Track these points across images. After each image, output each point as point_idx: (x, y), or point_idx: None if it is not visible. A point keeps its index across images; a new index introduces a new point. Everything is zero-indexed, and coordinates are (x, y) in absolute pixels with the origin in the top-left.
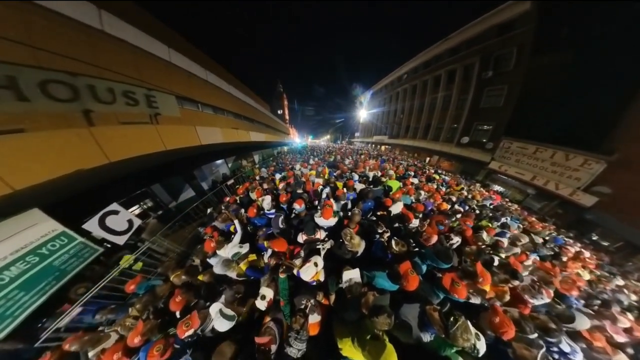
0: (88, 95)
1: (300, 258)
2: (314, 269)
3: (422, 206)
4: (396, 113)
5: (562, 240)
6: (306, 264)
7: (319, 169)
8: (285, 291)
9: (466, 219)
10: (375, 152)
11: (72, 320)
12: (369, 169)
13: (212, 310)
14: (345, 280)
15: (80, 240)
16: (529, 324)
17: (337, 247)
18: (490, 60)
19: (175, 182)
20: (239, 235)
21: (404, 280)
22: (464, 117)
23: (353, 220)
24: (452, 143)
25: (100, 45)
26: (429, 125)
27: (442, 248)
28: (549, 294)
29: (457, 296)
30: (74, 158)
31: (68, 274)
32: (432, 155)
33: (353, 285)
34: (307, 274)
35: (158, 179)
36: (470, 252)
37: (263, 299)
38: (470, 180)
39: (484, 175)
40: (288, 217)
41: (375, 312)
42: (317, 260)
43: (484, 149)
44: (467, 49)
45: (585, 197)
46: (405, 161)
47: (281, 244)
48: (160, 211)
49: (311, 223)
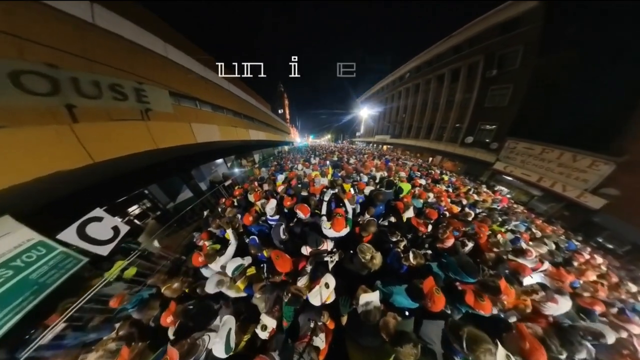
0: (70, 88)
1: (307, 275)
2: (325, 291)
3: (435, 212)
4: (398, 112)
5: (575, 245)
6: (315, 285)
7: (323, 169)
8: (290, 312)
9: (482, 225)
10: (378, 152)
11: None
12: (375, 169)
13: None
14: (362, 303)
15: (61, 250)
16: (554, 341)
17: (348, 260)
18: (494, 58)
19: (172, 183)
20: (232, 247)
21: (428, 300)
22: (468, 117)
23: (367, 229)
24: (455, 143)
25: (87, 36)
26: (432, 124)
27: (466, 259)
28: (556, 301)
29: (482, 312)
30: (52, 158)
31: (48, 288)
32: (435, 155)
33: (371, 310)
34: (316, 298)
35: (149, 181)
36: (489, 259)
37: (264, 330)
38: (475, 181)
39: (488, 176)
40: (289, 225)
41: (398, 341)
42: (328, 280)
43: (488, 149)
44: (470, 47)
45: (593, 199)
46: (410, 161)
47: (284, 263)
48: (158, 212)
49: (315, 235)
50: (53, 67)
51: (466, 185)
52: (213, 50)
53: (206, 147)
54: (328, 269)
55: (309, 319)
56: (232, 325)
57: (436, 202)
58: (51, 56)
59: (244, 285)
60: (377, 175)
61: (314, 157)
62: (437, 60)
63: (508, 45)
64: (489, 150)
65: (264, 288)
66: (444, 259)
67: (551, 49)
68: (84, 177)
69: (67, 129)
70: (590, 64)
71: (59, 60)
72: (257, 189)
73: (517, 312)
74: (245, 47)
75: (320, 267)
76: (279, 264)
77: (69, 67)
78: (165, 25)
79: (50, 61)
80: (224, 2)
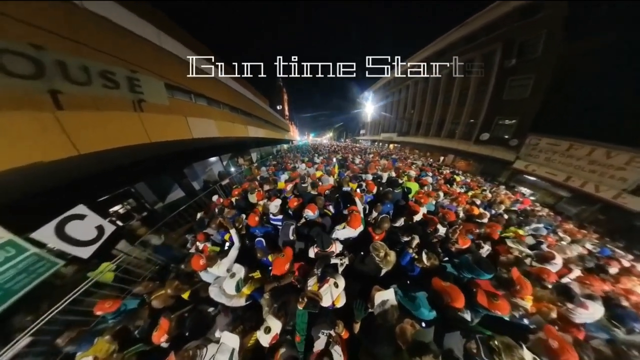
0: (56, 73)
1: (315, 277)
2: (335, 290)
3: (452, 214)
4: (406, 108)
5: (609, 251)
6: (324, 285)
7: (328, 168)
8: (303, 325)
9: (494, 224)
10: (384, 152)
11: None
12: (381, 169)
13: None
14: (378, 303)
15: (33, 251)
16: (588, 352)
17: (359, 262)
18: (514, 46)
19: (163, 181)
20: (235, 249)
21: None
22: (484, 111)
23: (382, 226)
24: (470, 140)
25: (77, 18)
26: (443, 120)
27: (481, 256)
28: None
29: (499, 312)
30: (32, 147)
31: (14, 295)
32: (446, 154)
33: (388, 310)
34: (326, 297)
35: (141, 177)
36: (507, 261)
37: (267, 332)
38: (493, 182)
39: (508, 176)
40: (298, 225)
41: (417, 351)
42: (337, 278)
43: (507, 147)
44: (486, 35)
45: (634, 201)
46: (418, 160)
47: (280, 265)
48: (144, 213)
49: (324, 236)
50: (38, 48)
51: (481, 187)
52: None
53: (201, 143)
54: (337, 271)
55: (322, 332)
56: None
57: (450, 203)
58: (36, 36)
59: (250, 290)
60: (384, 176)
61: (317, 157)
62: (448, 51)
63: (529, 31)
64: (508, 147)
65: (274, 290)
66: (457, 259)
67: (578, 32)
68: (68, 170)
69: (50, 117)
70: (625, 47)
71: (45, 41)
72: (258, 189)
73: (542, 317)
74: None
75: (329, 269)
76: (275, 265)
77: (56, 49)
78: (160, 14)
79: (35, 41)
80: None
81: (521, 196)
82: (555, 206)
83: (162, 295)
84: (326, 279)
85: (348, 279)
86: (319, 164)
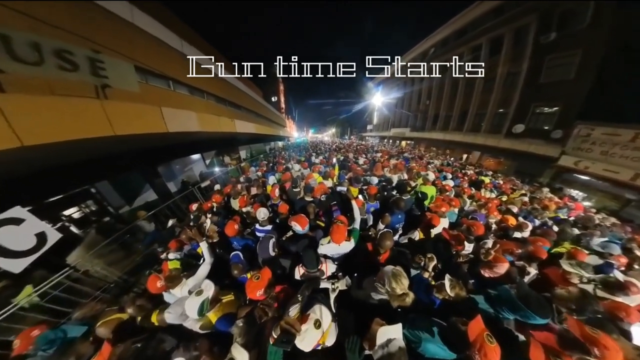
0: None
1: (297, 304)
2: (315, 333)
3: (481, 226)
4: (420, 99)
5: None
6: (303, 322)
7: (326, 169)
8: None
9: (539, 239)
10: (395, 150)
11: None
12: (390, 169)
13: None
14: (380, 343)
15: None
16: None
17: (356, 287)
18: (552, 18)
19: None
20: (206, 266)
21: (476, 353)
22: (516, 98)
23: (382, 244)
24: (499, 134)
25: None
26: (466, 111)
27: (530, 290)
28: None
29: None
30: None
31: None
32: (470, 151)
33: (394, 353)
34: (305, 341)
35: (104, 175)
36: (565, 296)
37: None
38: (532, 184)
39: (552, 175)
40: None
41: None
42: (322, 313)
43: (548, 140)
44: (517, 6)
45: None
46: (436, 159)
47: (252, 289)
48: (106, 217)
49: (313, 253)
50: None
51: (518, 190)
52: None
53: (179, 138)
54: (328, 298)
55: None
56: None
57: (477, 211)
58: None
59: (217, 316)
60: (394, 178)
61: (315, 156)
62: (470, 29)
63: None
64: (549, 140)
65: (248, 317)
66: (493, 289)
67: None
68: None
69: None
70: None
71: None
72: (243, 193)
73: None
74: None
75: (318, 296)
76: (247, 288)
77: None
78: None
79: None
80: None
81: (570, 200)
82: (619, 213)
83: (113, 321)
84: (307, 314)
85: (341, 309)
86: (316, 165)
